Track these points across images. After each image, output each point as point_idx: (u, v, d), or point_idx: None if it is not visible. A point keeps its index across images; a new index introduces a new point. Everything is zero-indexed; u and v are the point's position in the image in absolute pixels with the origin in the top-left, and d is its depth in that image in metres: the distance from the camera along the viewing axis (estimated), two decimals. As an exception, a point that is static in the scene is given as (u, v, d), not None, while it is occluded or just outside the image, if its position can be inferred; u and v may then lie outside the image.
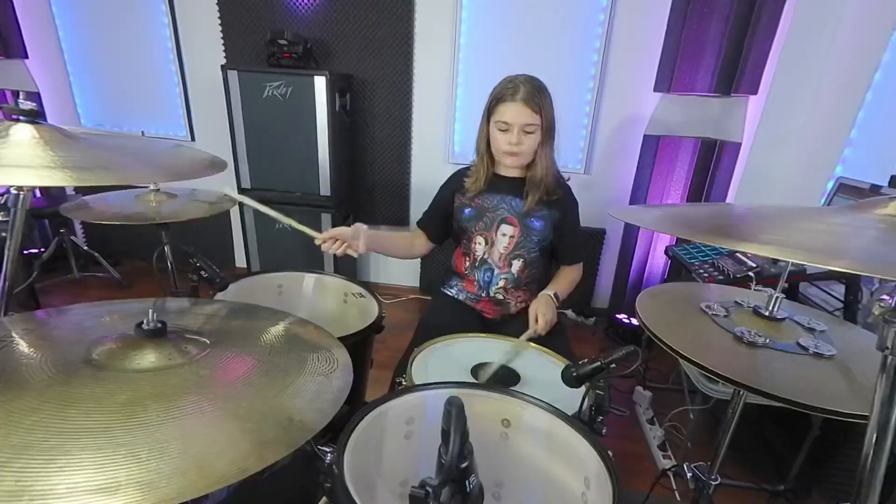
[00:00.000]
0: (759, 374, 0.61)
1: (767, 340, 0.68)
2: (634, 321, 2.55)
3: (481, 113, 1.32)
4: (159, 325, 0.65)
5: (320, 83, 2.15)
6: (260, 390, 0.60)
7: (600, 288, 2.82)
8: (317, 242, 1.23)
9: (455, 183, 1.41)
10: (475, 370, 1.03)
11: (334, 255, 1.25)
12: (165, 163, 0.87)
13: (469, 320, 1.38)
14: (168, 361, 0.61)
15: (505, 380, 1.01)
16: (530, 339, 1.17)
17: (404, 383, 0.97)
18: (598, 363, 0.82)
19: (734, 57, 2.04)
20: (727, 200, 2.22)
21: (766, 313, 0.74)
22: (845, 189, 1.54)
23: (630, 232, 2.52)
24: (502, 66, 2.40)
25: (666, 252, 1.76)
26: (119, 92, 2.76)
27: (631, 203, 2.53)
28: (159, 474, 0.45)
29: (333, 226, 2.42)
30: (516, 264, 1.36)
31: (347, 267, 2.68)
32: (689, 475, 0.87)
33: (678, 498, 1.56)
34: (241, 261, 3.02)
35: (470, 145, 2.64)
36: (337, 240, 1.22)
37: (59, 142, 0.64)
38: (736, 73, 2.05)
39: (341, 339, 1.11)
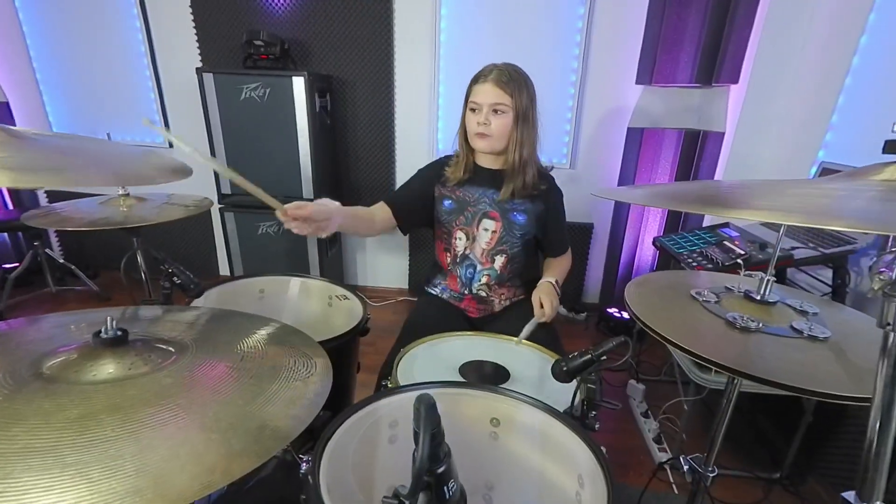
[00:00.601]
0: (753, 360, 0.59)
1: (760, 325, 0.65)
2: (626, 314, 2.55)
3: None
4: (119, 333, 0.61)
5: (299, 84, 2.11)
6: (229, 398, 0.56)
7: (590, 283, 2.81)
8: (279, 217, 1.01)
9: (436, 171, 1.36)
10: (464, 369, 1.00)
11: (320, 260, 1.20)
12: (125, 167, 0.82)
13: (455, 320, 1.35)
14: (128, 371, 0.57)
15: (494, 377, 0.98)
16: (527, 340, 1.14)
17: (389, 385, 0.94)
18: (589, 356, 0.79)
19: (714, 47, 2.05)
20: (712, 190, 2.22)
21: (758, 297, 0.72)
22: (828, 173, 1.53)
23: (618, 225, 2.51)
24: (484, 63, 2.40)
25: (654, 243, 1.74)
26: (91, 98, 2.68)
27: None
28: (112, 495, 0.41)
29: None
30: (499, 260, 1.33)
31: (333, 269, 2.64)
32: (685, 468, 0.85)
33: (675, 491, 1.54)
34: (224, 268, 2.95)
35: (454, 143, 2.63)
36: (305, 220, 1.02)
37: (2, 142, 0.60)
38: (716, 63, 2.06)
39: (324, 342, 1.09)
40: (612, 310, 2.58)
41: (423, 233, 2.70)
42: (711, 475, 0.83)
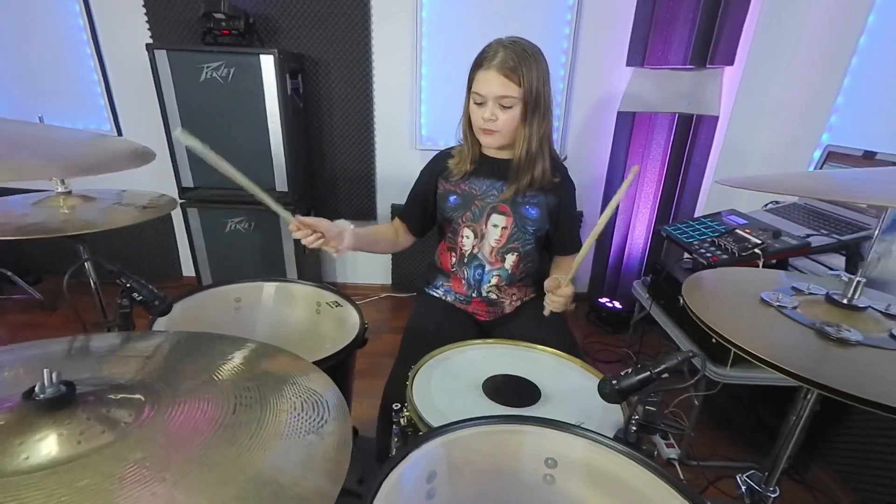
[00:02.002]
0: (870, 383, 0.49)
1: (861, 336, 0.56)
2: (617, 304, 2.50)
3: (455, 90, 1.15)
4: (63, 388, 0.44)
5: (268, 63, 1.89)
6: (228, 476, 0.41)
7: (580, 272, 2.74)
8: (290, 228, 0.99)
9: (438, 165, 1.22)
10: (488, 387, 0.87)
11: (296, 258, 1.05)
12: (67, 154, 0.63)
13: (462, 324, 1.22)
14: (78, 447, 0.40)
15: (524, 396, 0.86)
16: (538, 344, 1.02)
17: (406, 412, 0.80)
18: (647, 373, 0.69)
19: (708, 27, 1.97)
20: (706, 175, 2.18)
21: (845, 301, 0.63)
22: (835, 157, 1.50)
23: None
24: (469, 42, 2.20)
25: (659, 232, 1.67)
26: (25, 83, 2.34)
27: (607, 181, 2.46)
28: None
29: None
30: (510, 259, 1.20)
31: (310, 268, 2.45)
32: (742, 488, 0.76)
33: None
34: (188, 269, 2.70)
35: (439, 129, 2.48)
36: (315, 231, 0.99)
37: None
38: (710, 43, 1.99)
39: (321, 362, 0.94)
40: (604, 300, 2.53)
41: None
42: (773, 496, 0.74)
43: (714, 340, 1.39)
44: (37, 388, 0.43)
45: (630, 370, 0.71)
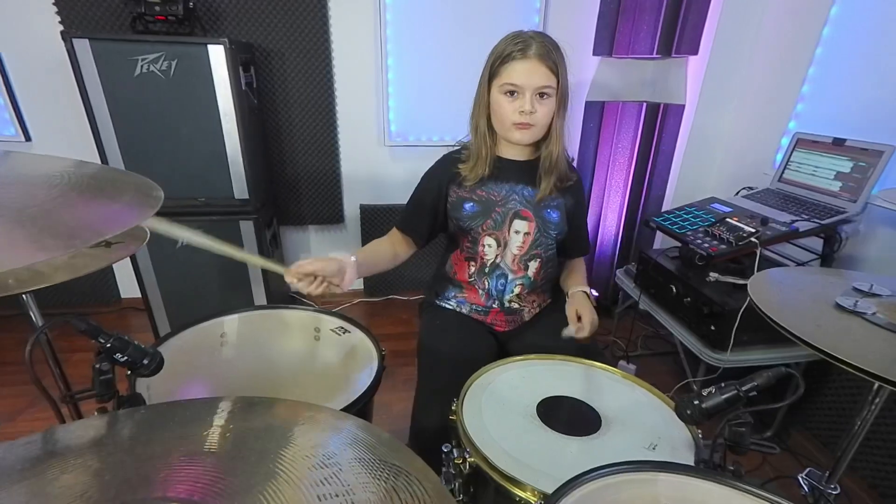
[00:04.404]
0: None
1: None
2: (594, 292, 2.53)
3: (427, 82, 1.05)
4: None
5: (217, 54, 1.65)
6: None
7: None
8: (288, 280, 0.91)
9: (446, 171, 1.12)
10: (544, 413, 0.81)
11: (263, 273, 0.98)
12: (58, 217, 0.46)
13: (481, 338, 1.14)
14: None
15: (583, 421, 0.81)
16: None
17: (468, 459, 0.71)
18: (734, 391, 0.65)
19: (674, 17, 2.01)
20: (673, 163, 2.24)
21: (925, 304, 0.63)
22: (804, 143, 1.58)
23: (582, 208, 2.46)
24: (437, 29, 2.12)
25: (647, 224, 1.68)
26: None
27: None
28: None
29: (258, 236, 1.97)
30: (532, 266, 1.13)
31: (274, 279, 2.23)
32: (805, 489, 0.76)
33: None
34: (127, 290, 2.37)
35: (409, 123, 2.34)
36: (317, 277, 0.91)
37: None
38: (676, 33, 2.03)
39: (350, 407, 0.82)
40: (580, 289, 2.56)
41: (379, 228, 2.41)
42: (834, 493, 0.75)
43: (713, 328, 1.45)
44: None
45: (713, 389, 0.67)
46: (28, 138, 2.04)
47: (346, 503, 0.42)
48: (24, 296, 0.76)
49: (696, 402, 0.67)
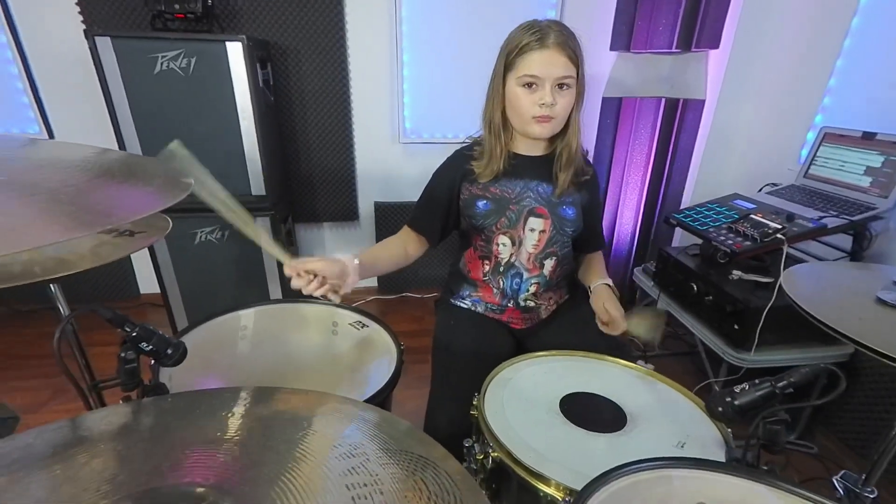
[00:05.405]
0: None
1: None
2: (609, 291, 2.50)
3: (442, 78, 1.04)
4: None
5: (235, 51, 1.66)
6: None
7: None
8: (287, 272, 0.88)
9: (458, 167, 1.09)
10: (567, 409, 0.79)
11: (279, 271, 0.95)
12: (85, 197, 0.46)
13: (498, 335, 1.13)
14: None
15: (608, 417, 0.79)
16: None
17: (492, 453, 0.70)
18: (768, 387, 0.63)
19: (694, 10, 1.97)
20: (693, 159, 2.20)
21: (973, 299, 0.60)
22: (832, 138, 1.54)
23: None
24: (453, 26, 2.11)
25: (667, 220, 1.65)
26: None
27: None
28: None
29: (274, 232, 1.99)
30: (548, 264, 1.11)
31: (293, 277, 2.24)
32: (840, 492, 0.74)
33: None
34: (146, 286, 2.41)
35: (424, 121, 2.33)
36: (316, 276, 0.88)
37: None
38: (696, 27, 1.99)
39: (372, 399, 0.82)
40: (596, 287, 2.52)
41: (393, 225, 2.41)
42: (871, 496, 0.72)
43: (736, 327, 1.42)
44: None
45: (746, 385, 0.65)
46: (51, 135, 2.08)
47: (374, 493, 0.41)
48: (51, 286, 0.77)
49: (728, 399, 0.65)
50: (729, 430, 0.75)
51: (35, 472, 0.41)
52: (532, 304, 1.15)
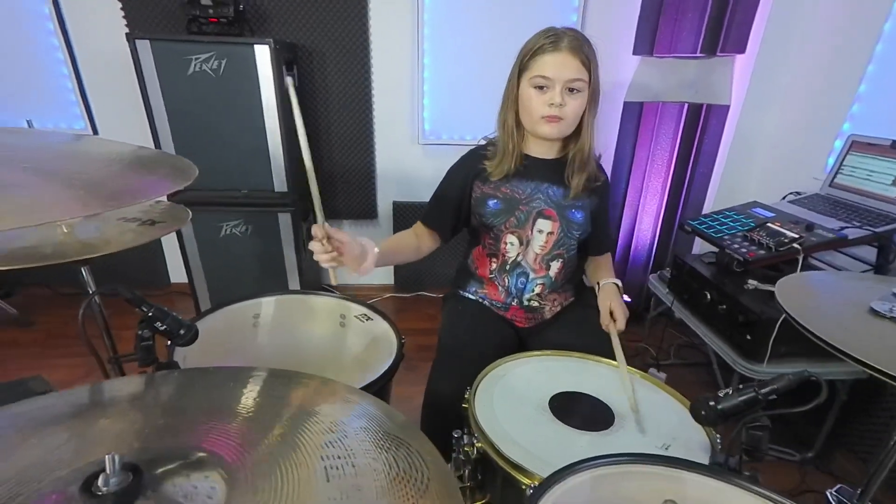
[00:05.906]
0: None
1: None
2: (626, 297, 2.46)
3: (461, 81, 1.06)
4: (129, 476, 0.35)
5: (263, 54, 1.75)
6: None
7: (585, 266, 2.71)
8: (314, 231, 0.88)
9: (472, 166, 1.13)
10: (556, 408, 0.81)
11: (298, 264, 0.97)
12: (98, 177, 0.52)
13: (501, 331, 1.15)
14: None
15: (595, 417, 0.80)
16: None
17: (477, 443, 0.73)
18: (752, 393, 0.63)
19: (719, 14, 1.93)
20: (716, 166, 2.15)
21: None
22: (860, 146, 1.48)
23: (614, 207, 2.41)
24: (474, 29, 2.14)
25: (682, 227, 1.63)
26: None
27: (613, 175, 2.41)
28: None
29: (294, 227, 2.06)
30: (554, 266, 1.13)
31: (312, 270, 2.32)
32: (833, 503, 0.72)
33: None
34: (176, 275, 2.54)
35: (443, 122, 2.37)
36: (334, 249, 0.88)
37: None
38: (721, 31, 1.95)
39: (369, 386, 0.86)
40: (612, 293, 2.49)
41: (411, 225, 2.46)
42: (865, 511, 0.70)
43: (748, 337, 1.39)
44: (100, 482, 0.33)
45: (730, 391, 0.65)
46: (95, 132, 2.23)
47: (346, 465, 0.44)
48: (83, 270, 0.84)
49: (711, 403, 0.65)
50: (718, 435, 0.75)
51: (51, 428, 0.46)
52: (536, 304, 1.17)
